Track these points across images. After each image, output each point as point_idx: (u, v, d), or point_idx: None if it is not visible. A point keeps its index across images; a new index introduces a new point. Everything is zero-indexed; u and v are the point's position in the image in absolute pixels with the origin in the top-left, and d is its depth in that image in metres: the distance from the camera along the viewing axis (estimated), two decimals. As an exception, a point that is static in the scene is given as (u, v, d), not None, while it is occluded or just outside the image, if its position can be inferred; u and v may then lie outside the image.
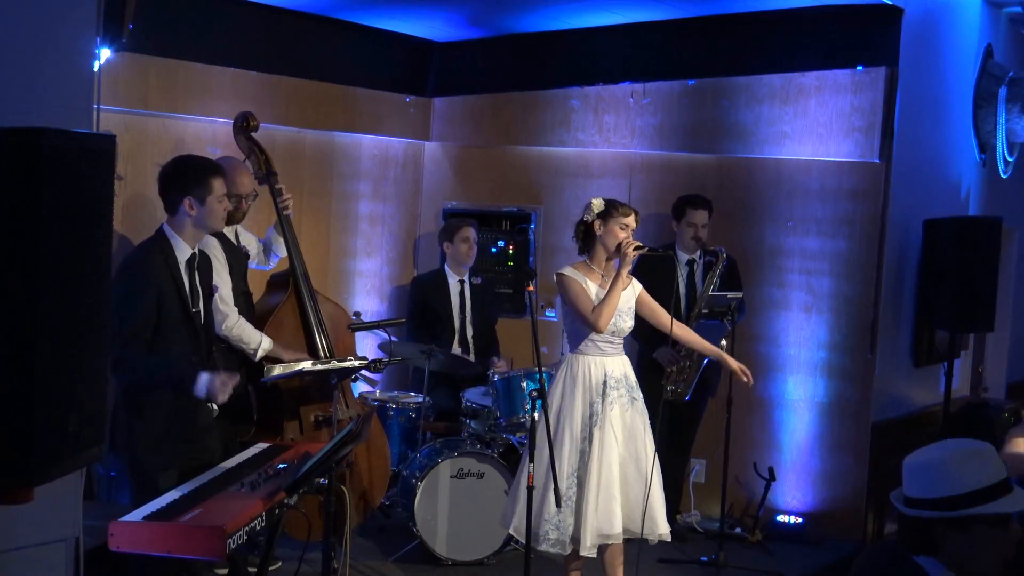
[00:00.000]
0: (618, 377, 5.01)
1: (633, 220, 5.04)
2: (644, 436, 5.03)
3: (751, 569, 6.03)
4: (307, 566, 4.85)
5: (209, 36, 5.99)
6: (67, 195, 2.54)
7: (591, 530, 4.87)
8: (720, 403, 6.22)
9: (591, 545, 4.88)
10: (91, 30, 3.17)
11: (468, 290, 6.77)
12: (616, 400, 4.96)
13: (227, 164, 5.38)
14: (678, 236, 6.41)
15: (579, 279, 5.01)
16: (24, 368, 2.46)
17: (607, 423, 4.92)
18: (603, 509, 4.87)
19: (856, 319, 6.57)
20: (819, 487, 6.66)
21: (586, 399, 4.96)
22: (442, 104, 7.54)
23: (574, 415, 4.95)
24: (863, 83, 6.43)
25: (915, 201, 6.79)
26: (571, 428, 4.94)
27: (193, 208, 4.38)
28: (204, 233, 4.55)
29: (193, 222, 4.41)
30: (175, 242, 4.39)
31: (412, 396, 6.38)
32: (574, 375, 5.01)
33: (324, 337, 5.47)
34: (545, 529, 4.89)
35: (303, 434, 5.32)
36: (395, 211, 7.43)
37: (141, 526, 3.51)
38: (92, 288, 2.67)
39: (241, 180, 5.33)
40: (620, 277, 4.96)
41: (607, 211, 5.02)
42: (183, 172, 4.44)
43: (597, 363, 5.01)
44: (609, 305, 4.93)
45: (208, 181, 4.41)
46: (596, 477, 4.88)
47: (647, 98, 6.98)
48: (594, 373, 4.99)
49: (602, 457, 4.90)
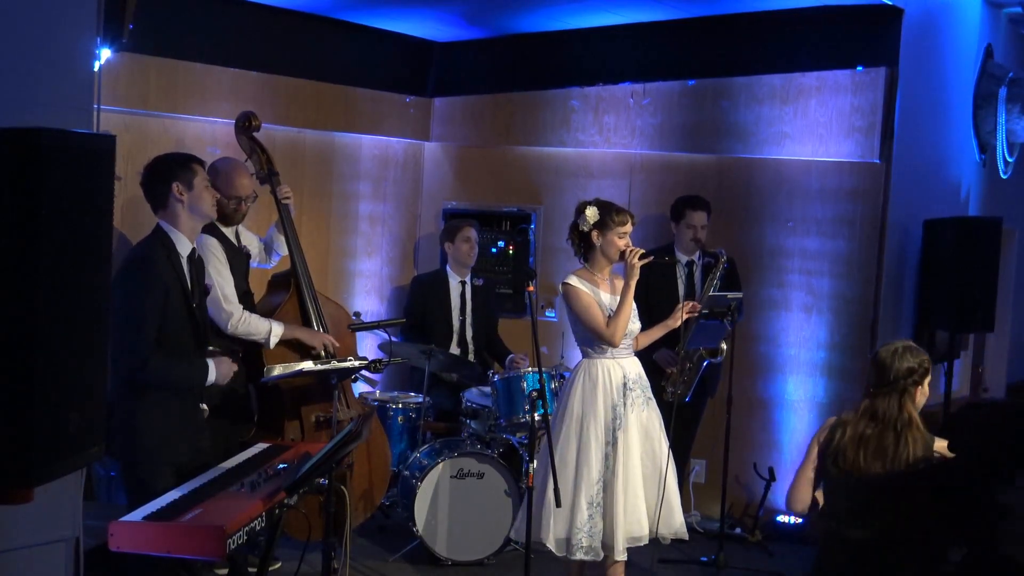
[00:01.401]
0: (634, 378, 4.98)
1: (630, 225, 4.99)
2: (659, 435, 5.02)
3: (751, 569, 6.03)
4: (307, 566, 4.85)
5: (209, 36, 5.98)
6: (67, 195, 2.54)
7: (622, 534, 4.83)
8: (720, 403, 6.22)
9: (623, 549, 4.84)
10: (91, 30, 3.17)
11: (469, 291, 6.77)
12: (635, 402, 4.94)
13: (227, 166, 5.37)
14: (677, 237, 6.40)
15: (588, 289, 4.94)
16: (24, 368, 2.46)
17: (629, 426, 4.90)
18: (631, 511, 4.84)
19: (856, 319, 6.57)
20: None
21: (608, 402, 4.91)
22: (442, 104, 7.54)
23: (598, 419, 4.89)
24: (863, 83, 6.43)
25: (915, 201, 6.79)
26: (596, 432, 4.88)
27: (183, 193, 4.38)
28: (199, 222, 4.54)
29: (186, 210, 4.40)
30: (175, 237, 4.39)
31: (412, 396, 6.39)
32: (594, 379, 4.94)
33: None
34: (578, 538, 4.82)
35: (303, 434, 5.31)
36: (395, 211, 7.43)
37: (141, 526, 3.50)
38: (92, 288, 2.67)
39: (240, 182, 5.31)
40: (629, 289, 4.89)
41: (603, 221, 4.94)
42: (164, 164, 4.48)
43: (615, 366, 4.96)
44: (622, 319, 4.88)
45: (190, 166, 4.45)
46: (623, 480, 4.84)
47: (647, 98, 6.98)
48: (614, 376, 4.94)
49: (628, 459, 4.86)
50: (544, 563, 5.31)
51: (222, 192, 5.22)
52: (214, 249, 5.13)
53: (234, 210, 5.28)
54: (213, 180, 5.27)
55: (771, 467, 6.51)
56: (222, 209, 5.24)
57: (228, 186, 5.24)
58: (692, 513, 6.74)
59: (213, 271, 5.09)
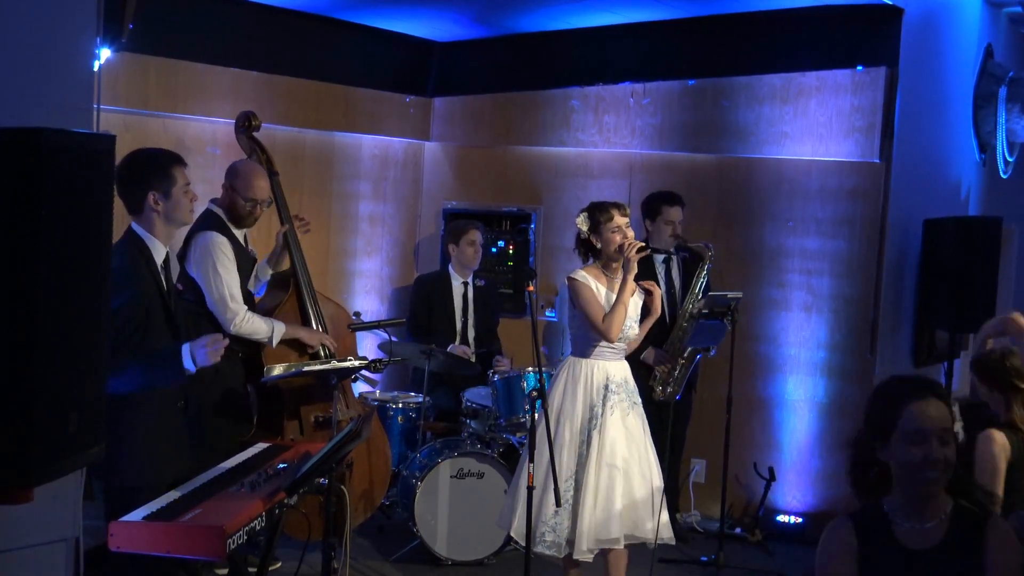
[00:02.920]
0: (619, 382, 5.00)
1: (619, 217, 4.98)
2: (645, 440, 5.02)
3: (751, 569, 6.03)
4: (307, 566, 4.85)
5: (209, 36, 5.98)
6: (67, 195, 2.54)
7: (587, 534, 4.85)
8: (720, 403, 6.22)
9: (587, 549, 4.86)
10: (91, 30, 3.17)
11: (472, 292, 6.77)
12: (617, 404, 4.95)
13: (247, 167, 5.34)
14: (653, 234, 6.27)
15: (590, 283, 4.96)
16: (24, 368, 2.46)
17: (607, 427, 4.91)
18: (601, 514, 4.86)
19: (856, 319, 6.56)
20: (819, 487, 6.66)
21: (587, 402, 4.95)
22: (442, 104, 7.54)
23: (574, 417, 4.94)
24: (863, 83, 6.43)
25: (915, 201, 6.79)
26: (571, 430, 4.93)
27: (158, 203, 4.14)
28: (174, 228, 4.32)
29: (161, 218, 4.17)
30: (150, 242, 4.17)
31: (412, 396, 6.39)
32: (576, 378, 5.00)
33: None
34: (542, 531, 4.88)
35: (303, 434, 5.31)
36: (395, 211, 7.43)
37: (141, 526, 3.50)
38: (92, 288, 2.67)
39: (259, 185, 5.26)
40: (627, 283, 4.91)
41: (593, 223, 4.98)
42: (142, 166, 4.17)
43: (599, 367, 5.00)
44: (618, 314, 4.89)
45: (170, 172, 4.17)
46: (594, 481, 4.87)
47: (647, 98, 6.98)
48: (596, 377, 4.97)
49: (600, 461, 4.88)
50: (544, 563, 5.31)
51: (239, 193, 5.22)
52: (223, 247, 5.11)
53: (248, 213, 5.26)
54: (231, 181, 5.27)
55: (771, 467, 6.51)
56: (237, 211, 5.24)
57: (246, 188, 5.22)
58: (692, 513, 6.74)
59: (221, 269, 5.08)
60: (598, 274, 5.03)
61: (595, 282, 4.98)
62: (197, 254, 5.11)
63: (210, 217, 5.23)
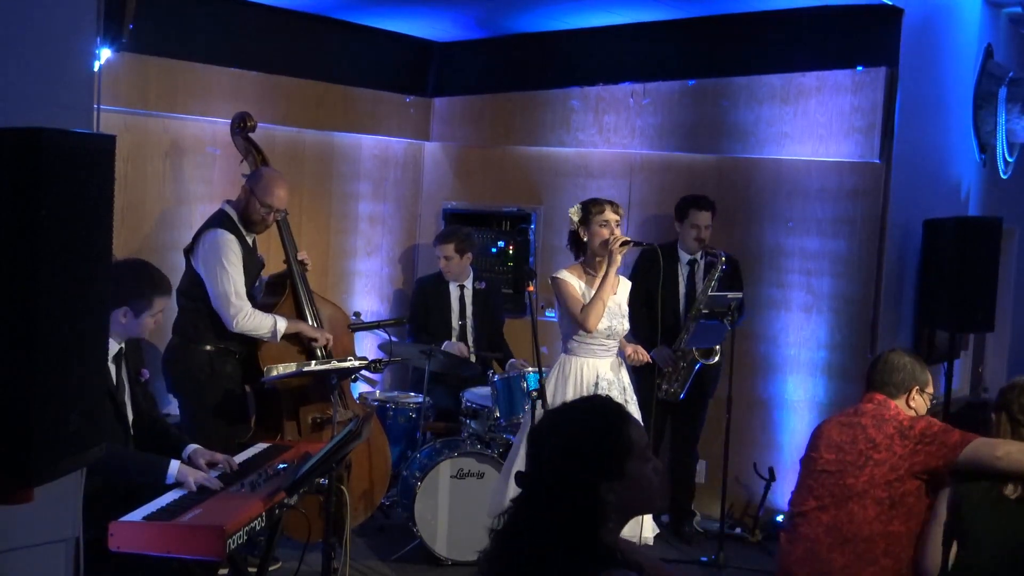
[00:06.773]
0: (609, 379, 5.02)
1: (611, 213, 5.04)
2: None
3: (751, 569, 6.03)
4: (307, 566, 4.85)
5: (209, 36, 5.98)
6: (67, 195, 2.53)
7: None
8: (720, 403, 6.22)
9: None
10: (91, 30, 3.16)
11: (469, 295, 6.77)
12: None
13: (272, 175, 5.35)
14: (681, 236, 6.40)
15: (571, 281, 5.05)
16: (24, 368, 2.46)
17: None
18: None
19: (856, 319, 6.56)
20: (819, 487, 6.64)
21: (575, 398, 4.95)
22: (442, 104, 7.54)
23: None
24: (863, 83, 6.43)
25: (915, 201, 6.79)
26: None
27: (126, 318, 4.19)
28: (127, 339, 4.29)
29: (121, 329, 4.20)
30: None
31: (412, 396, 6.39)
32: (565, 375, 5.04)
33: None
34: None
35: (302, 435, 5.31)
36: (395, 211, 7.43)
37: (141, 526, 3.51)
38: (92, 288, 2.66)
39: (278, 193, 5.29)
40: (608, 277, 4.97)
41: (584, 215, 5.06)
42: (130, 280, 4.24)
43: (589, 364, 5.03)
44: (597, 305, 4.94)
45: (151, 298, 4.25)
46: None
47: (647, 98, 6.98)
48: (586, 374, 5.01)
49: None
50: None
51: (256, 196, 5.24)
52: (231, 244, 5.13)
53: (261, 219, 5.28)
54: (253, 184, 5.28)
55: (771, 467, 6.51)
56: (250, 214, 5.26)
57: (264, 193, 5.24)
58: (692, 513, 6.74)
59: (228, 265, 5.09)
60: (580, 273, 5.10)
61: (576, 280, 5.06)
62: (204, 250, 5.13)
63: (222, 216, 5.26)
